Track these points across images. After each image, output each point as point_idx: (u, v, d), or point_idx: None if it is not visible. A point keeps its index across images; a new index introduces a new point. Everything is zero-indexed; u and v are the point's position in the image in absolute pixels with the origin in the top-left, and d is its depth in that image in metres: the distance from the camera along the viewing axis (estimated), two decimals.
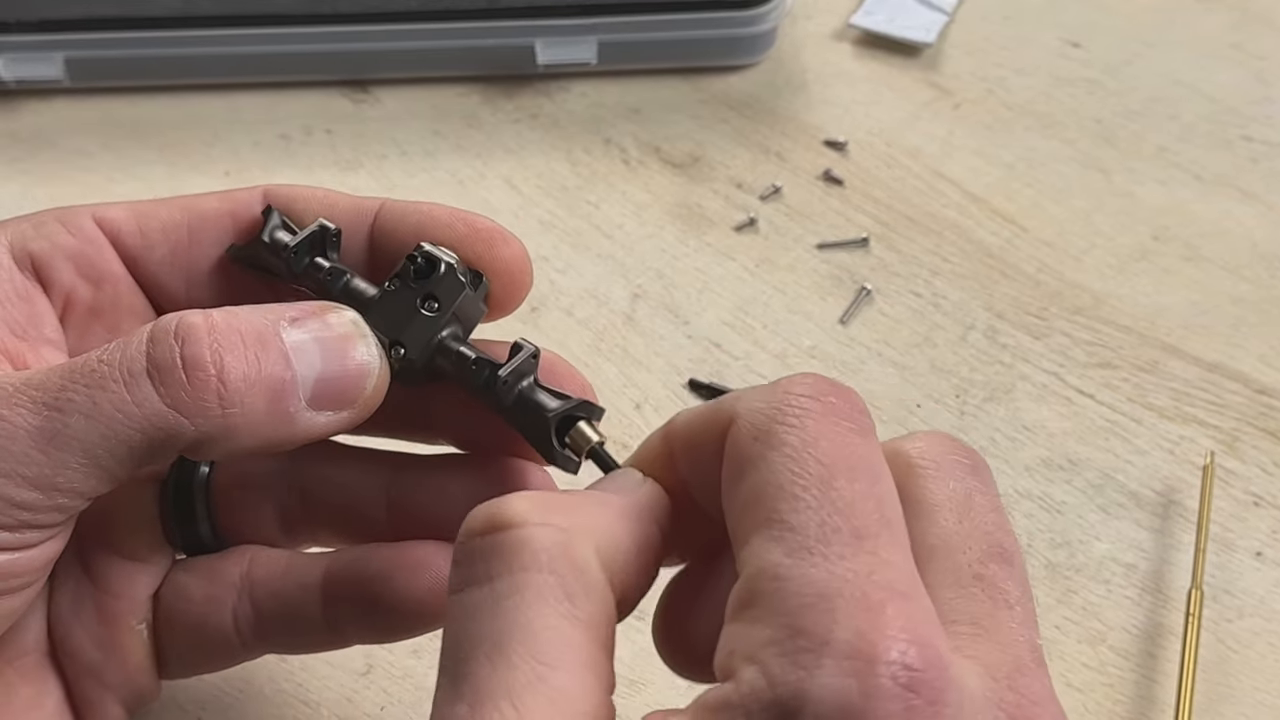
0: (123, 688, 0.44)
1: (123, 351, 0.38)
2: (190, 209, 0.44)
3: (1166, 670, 0.48)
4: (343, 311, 0.41)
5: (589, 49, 0.65)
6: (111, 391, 0.38)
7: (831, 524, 0.33)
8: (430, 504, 0.43)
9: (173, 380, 0.38)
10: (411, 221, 0.43)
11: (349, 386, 0.40)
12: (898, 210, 0.62)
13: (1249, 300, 0.59)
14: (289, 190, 0.44)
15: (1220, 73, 0.68)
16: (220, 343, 0.38)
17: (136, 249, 0.44)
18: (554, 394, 0.42)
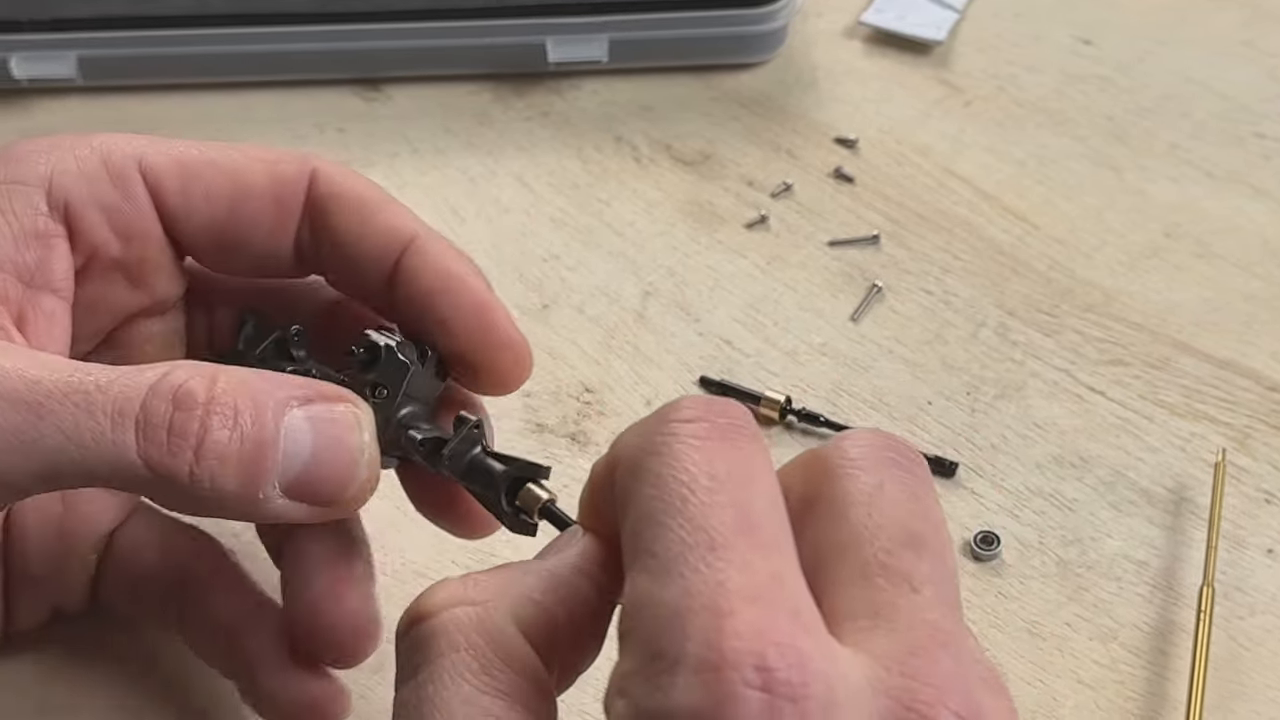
0: (54, 597, 0.47)
1: (122, 387, 0.38)
2: (237, 180, 0.44)
3: (1178, 667, 0.48)
4: (355, 409, 0.41)
5: (600, 47, 0.66)
6: (97, 422, 0.37)
7: (689, 541, 0.32)
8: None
9: (153, 438, 0.38)
10: (435, 274, 0.44)
11: (330, 488, 0.40)
12: (909, 208, 0.62)
13: (1261, 297, 0.59)
14: (331, 184, 0.44)
15: (1232, 70, 0.67)
16: (211, 415, 0.38)
17: (176, 209, 0.44)
18: (502, 459, 0.42)
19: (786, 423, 0.55)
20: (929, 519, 0.34)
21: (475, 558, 0.50)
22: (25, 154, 0.43)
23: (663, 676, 0.30)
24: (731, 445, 0.34)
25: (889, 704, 0.31)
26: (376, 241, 0.44)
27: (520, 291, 0.59)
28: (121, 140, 0.44)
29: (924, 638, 0.32)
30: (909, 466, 0.35)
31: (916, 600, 0.33)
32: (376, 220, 0.44)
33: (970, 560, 0.51)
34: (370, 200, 0.45)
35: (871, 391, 0.56)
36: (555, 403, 0.55)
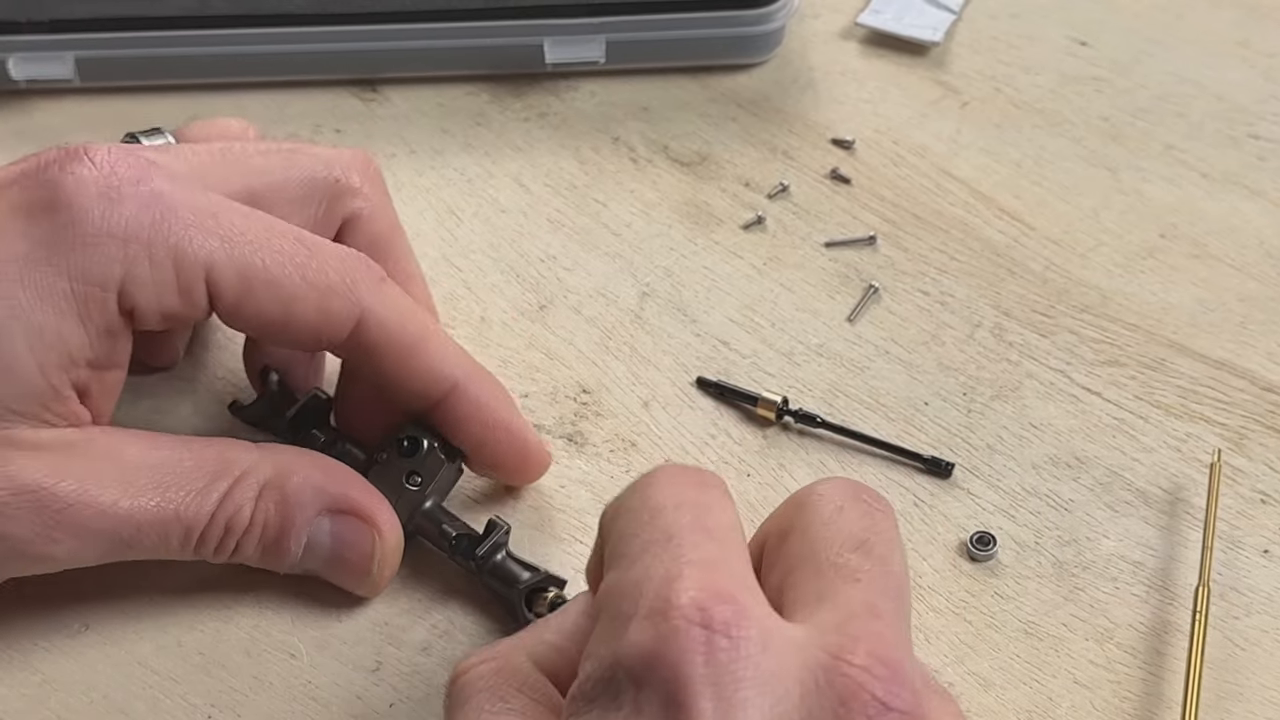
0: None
1: (193, 515, 0.47)
2: (289, 310, 0.47)
3: (1174, 667, 0.48)
4: (374, 524, 0.49)
5: (597, 48, 0.66)
6: (169, 546, 0.47)
7: (651, 538, 0.38)
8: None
9: (204, 552, 0.48)
10: (477, 427, 0.50)
11: (342, 585, 0.50)
12: (905, 208, 0.62)
13: (1256, 298, 0.59)
14: (377, 331, 0.48)
15: (1228, 71, 0.68)
16: (248, 535, 0.47)
17: (226, 315, 0.47)
18: (524, 565, 0.49)
19: (783, 423, 0.55)
20: (880, 534, 0.39)
21: None
22: (102, 245, 0.45)
23: (619, 629, 0.36)
24: (698, 487, 0.40)
25: (819, 654, 0.35)
26: (416, 387, 0.49)
27: (517, 292, 0.59)
28: (196, 239, 0.46)
29: (860, 610, 0.37)
30: (872, 502, 0.40)
31: (857, 586, 0.38)
32: (417, 367, 0.48)
33: (966, 560, 0.51)
34: (414, 346, 0.48)
35: (868, 392, 0.56)
36: (552, 403, 0.56)
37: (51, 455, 0.45)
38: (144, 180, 0.45)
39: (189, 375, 0.56)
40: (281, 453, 0.49)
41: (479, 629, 0.50)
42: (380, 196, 0.52)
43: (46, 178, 0.45)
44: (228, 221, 0.46)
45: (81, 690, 0.48)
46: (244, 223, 0.46)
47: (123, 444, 0.46)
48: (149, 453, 0.46)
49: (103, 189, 0.45)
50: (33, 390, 0.45)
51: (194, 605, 0.50)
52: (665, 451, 0.54)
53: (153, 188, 0.45)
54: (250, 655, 0.49)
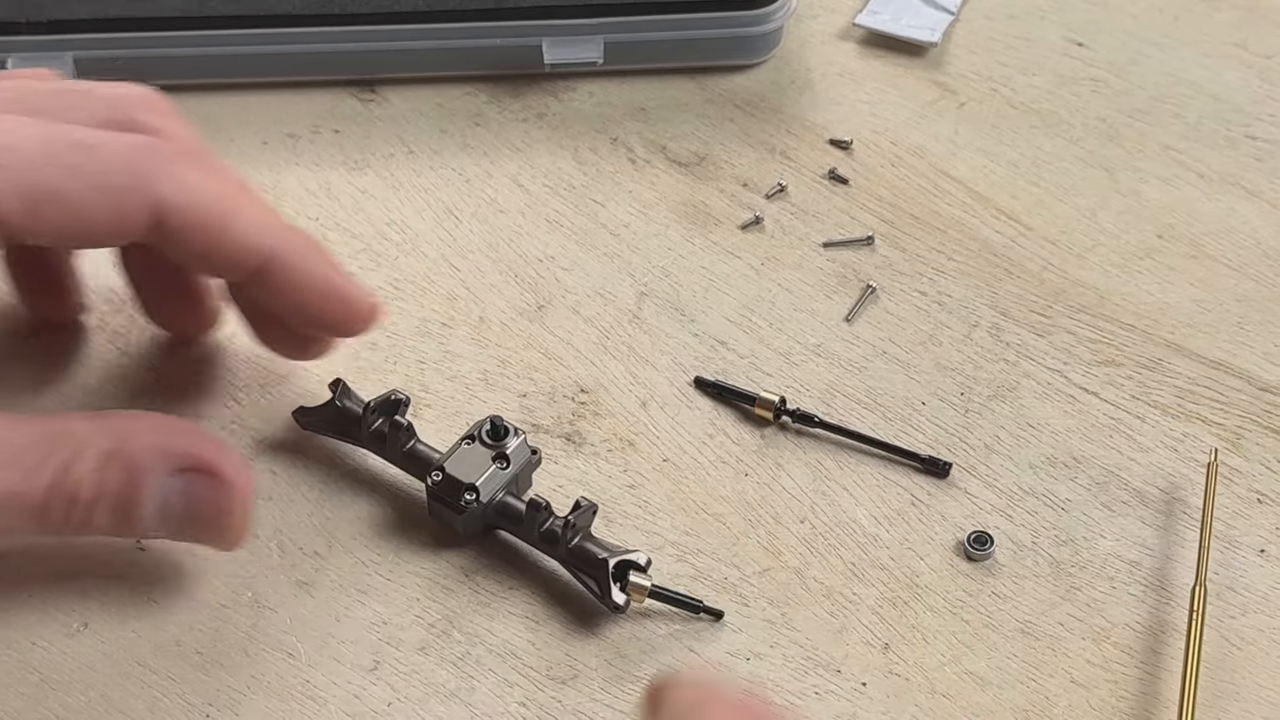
0: None
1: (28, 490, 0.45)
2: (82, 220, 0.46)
3: (1170, 667, 0.49)
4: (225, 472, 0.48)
5: (595, 49, 0.66)
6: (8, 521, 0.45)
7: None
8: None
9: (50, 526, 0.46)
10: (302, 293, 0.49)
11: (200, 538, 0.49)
12: (903, 209, 0.62)
13: (1253, 298, 0.59)
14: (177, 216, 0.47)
15: (1225, 72, 0.68)
16: (94, 508, 0.46)
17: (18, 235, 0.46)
18: (605, 546, 0.50)
19: (781, 423, 0.55)
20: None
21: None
22: None
23: None
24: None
25: None
26: (228, 264, 0.48)
27: (516, 292, 0.59)
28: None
29: None
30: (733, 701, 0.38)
31: None
32: (227, 244, 0.48)
33: (964, 560, 0.51)
34: (218, 225, 0.47)
35: (865, 392, 0.56)
36: (550, 403, 0.56)
37: None
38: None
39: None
40: (119, 419, 0.48)
41: (477, 629, 0.50)
42: (179, 129, 0.50)
43: None
44: (2, 143, 0.45)
45: (80, 689, 0.48)
46: (17, 139, 0.45)
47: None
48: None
49: None
50: None
51: (193, 605, 0.50)
52: (663, 451, 0.54)
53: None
54: (248, 654, 0.49)
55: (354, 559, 0.51)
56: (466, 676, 0.49)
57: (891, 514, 0.53)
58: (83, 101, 0.48)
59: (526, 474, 0.52)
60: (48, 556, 0.50)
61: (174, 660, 0.49)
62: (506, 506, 0.51)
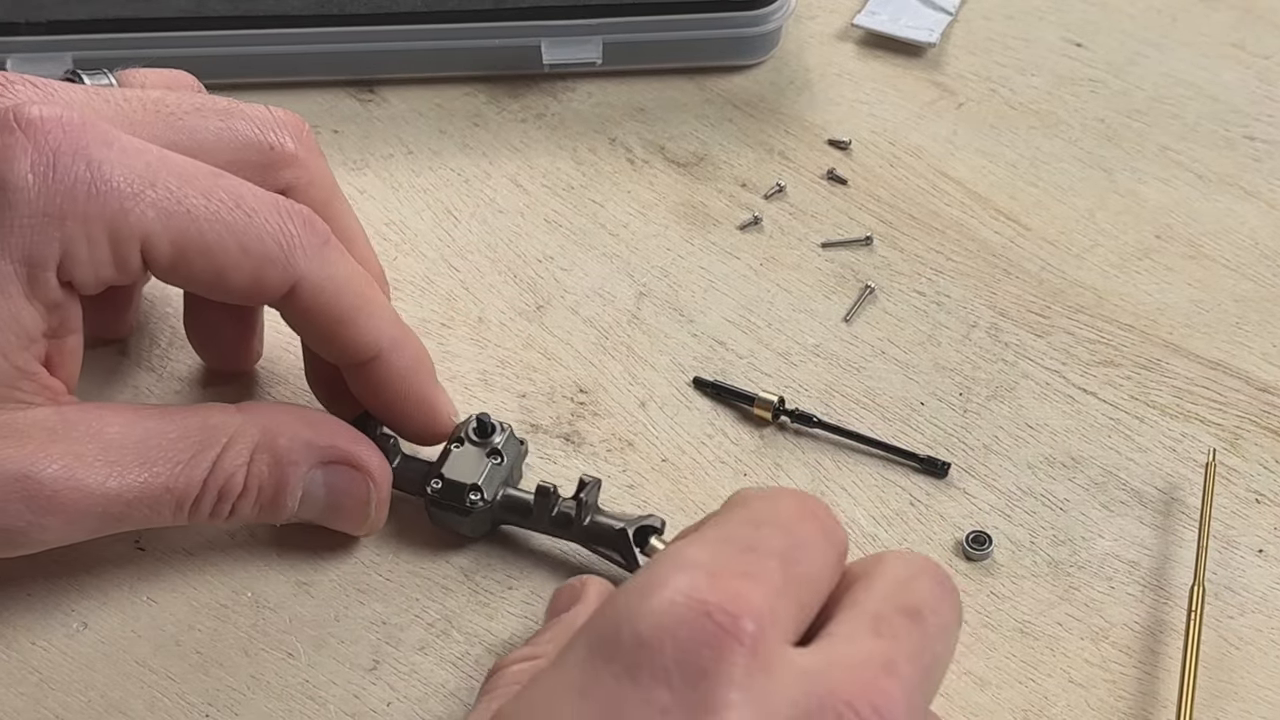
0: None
1: (184, 486, 0.47)
2: (221, 278, 0.47)
3: (1168, 666, 0.49)
4: (368, 471, 0.49)
5: (594, 49, 0.66)
6: (161, 516, 0.47)
7: (731, 535, 0.38)
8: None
9: (199, 517, 0.48)
10: (393, 396, 0.51)
11: (336, 527, 0.51)
12: (901, 209, 0.62)
13: (1251, 299, 0.59)
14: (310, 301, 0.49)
15: (1223, 72, 0.68)
16: (243, 498, 0.48)
17: (159, 275, 0.47)
18: (617, 517, 0.50)
19: (779, 423, 0.55)
20: (938, 614, 0.38)
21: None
22: (40, 224, 0.44)
23: (649, 589, 0.35)
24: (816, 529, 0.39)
25: (819, 687, 0.35)
26: (340, 352, 0.50)
27: (514, 292, 0.59)
28: (132, 212, 0.45)
29: (878, 662, 0.36)
30: (946, 587, 0.39)
31: (878, 642, 0.37)
32: (346, 336, 0.49)
33: (962, 560, 0.51)
34: (345, 316, 0.49)
35: (864, 392, 0.56)
36: (549, 403, 0.56)
37: (33, 441, 0.45)
38: (79, 150, 0.44)
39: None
40: (266, 411, 0.49)
41: (476, 629, 0.50)
42: (316, 160, 0.51)
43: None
44: (164, 189, 0.45)
45: (79, 689, 0.48)
46: (181, 188, 0.46)
47: (104, 421, 0.46)
48: (131, 427, 0.46)
49: (36, 162, 0.44)
50: (1, 377, 0.45)
51: (192, 605, 0.50)
52: (662, 451, 0.54)
53: (89, 157, 0.44)
54: (248, 654, 0.49)
55: (353, 559, 0.51)
56: (466, 676, 0.49)
57: (890, 514, 0.53)
58: (228, 119, 0.49)
59: (519, 465, 0.52)
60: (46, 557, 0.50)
61: (173, 660, 0.49)
62: (510, 499, 0.51)
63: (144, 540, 0.51)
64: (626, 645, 0.35)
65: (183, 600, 0.50)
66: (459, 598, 0.50)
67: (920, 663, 0.37)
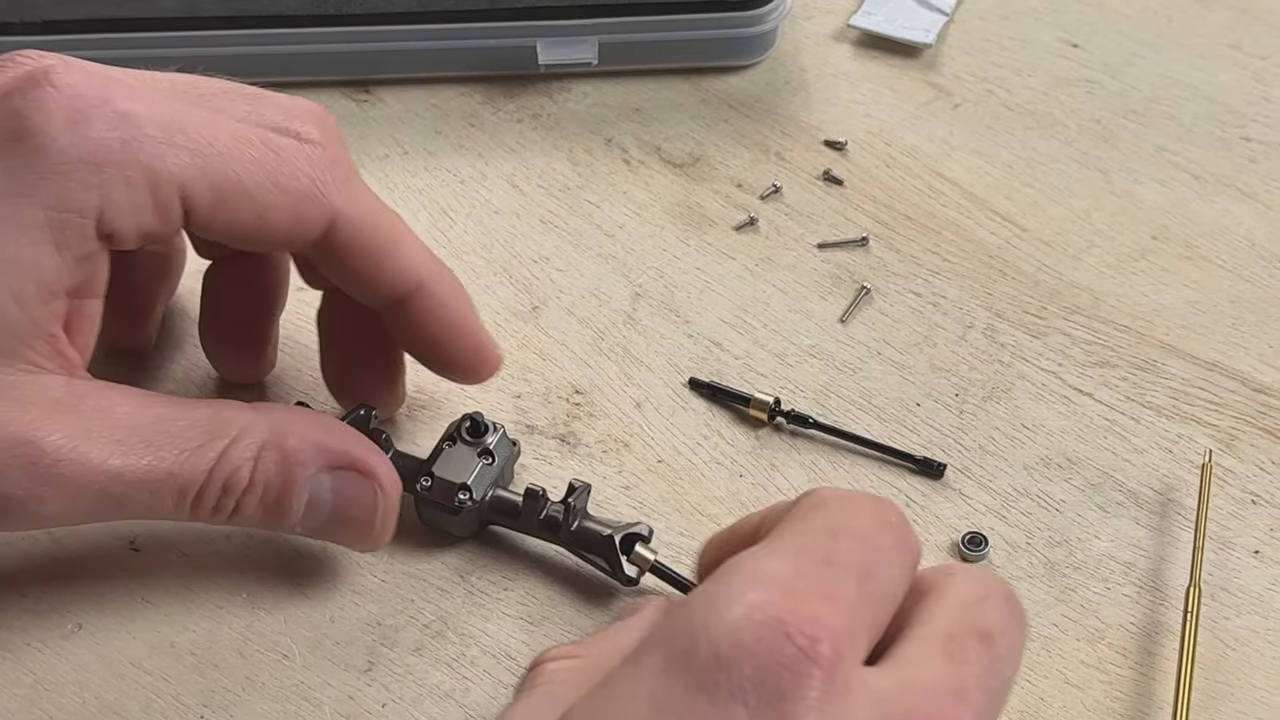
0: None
1: (188, 474, 0.46)
2: (262, 218, 0.47)
3: (1164, 667, 0.49)
4: (374, 476, 0.48)
5: (590, 49, 0.66)
6: (163, 502, 0.46)
7: (808, 546, 0.38)
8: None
9: (202, 511, 0.47)
10: (437, 328, 0.50)
11: (345, 542, 0.50)
12: (897, 210, 0.62)
13: (1247, 300, 0.59)
14: (349, 232, 0.48)
15: (1220, 73, 0.68)
16: (247, 494, 0.47)
17: (200, 226, 0.47)
18: (605, 523, 0.50)
19: (775, 424, 0.55)
20: (1007, 637, 0.39)
21: None
22: (75, 171, 0.44)
23: (726, 600, 0.36)
24: (893, 540, 0.39)
25: (893, 712, 0.36)
26: (383, 287, 0.49)
27: (510, 293, 0.59)
28: (169, 157, 0.45)
29: (950, 688, 0.37)
30: (1015, 610, 0.40)
31: (959, 668, 0.37)
32: (387, 267, 0.49)
33: (958, 561, 0.51)
34: (384, 247, 0.48)
35: (860, 393, 0.56)
36: (545, 404, 0.56)
37: (39, 408, 0.44)
38: (108, 100, 0.44)
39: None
40: (278, 411, 0.48)
41: (472, 630, 0.50)
42: (339, 150, 0.51)
43: (10, 107, 0.44)
44: (195, 133, 0.45)
45: (74, 691, 0.48)
46: (211, 132, 0.46)
47: (113, 400, 0.45)
48: (141, 410, 0.46)
49: (69, 113, 0.44)
50: (14, 328, 0.44)
51: (187, 605, 0.50)
52: (658, 452, 0.54)
53: (118, 107, 0.44)
54: (243, 655, 0.49)
55: (348, 560, 0.51)
56: (461, 678, 0.49)
57: None
58: (255, 104, 0.49)
59: (510, 467, 0.52)
60: (41, 558, 0.50)
61: (168, 661, 0.49)
62: (499, 500, 0.51)
63: (139, 541, 0.51)
64: (703, 660, 0.35)
65: (178, 601, 0.50)
66: (454, 599, 0.50)
67: (989, 686, 0.37)
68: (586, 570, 0.51)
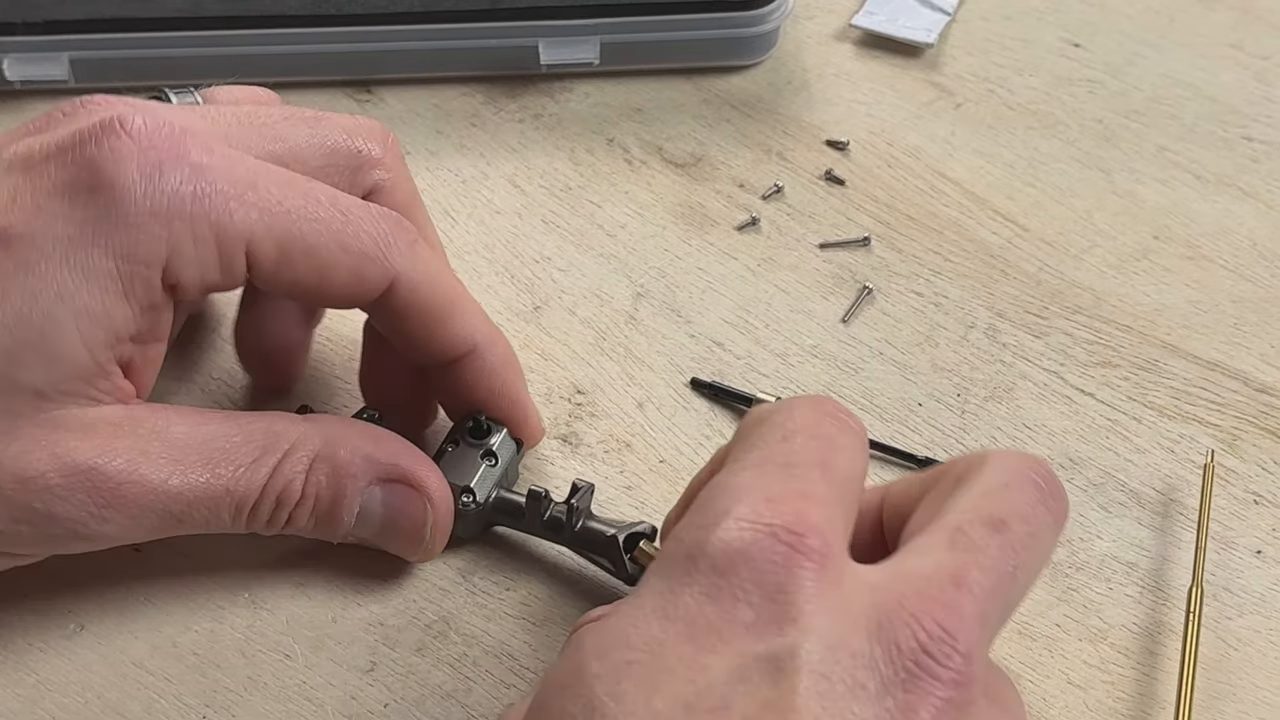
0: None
1: (244, 490, 0.47)
2: (323, 277, 0.47)
3: (1167, 668, 0.49)
4: (425, 491, 0.49)
5: (592, 49, 0.66)
6: (220, 519, 0.47)
7: (771, 455, 0.40)
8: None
9: (257, 524, 0.48)
10: (485, 392, 0.51)
11: (392, 548, 0.50)
12: (899, 210, 0.62)
13: (1249, 299, 0.59)
14: (408, 295, 0.49)
15: (1221, 73, 0.68)
16: (300, 506, 0.48)
17: (263, 283, 0.48)
18: (608, 523, 0.50)
19: None
20: (1028, 523, 0.39)
21: None
22: (146, 224, 0.45)
23: (711, 520, 0.38)
24: (838, 427, 0.42)
25: (888, 599, 0.37)
26: (436, 350, 0.50)
27: (512, 293, 0.59)
28: (237, 213, 0.46)
29: (948, 576, 0.37)
30: (1044, 491, 0.40)
31: (960, 556, 0.38)
32: (442, 332, 0.49)
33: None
34: (442, 311, 0.49)
35: (862, 393, 0.56)
36: (546, 404, 0.56)
37: (100, 436, 0.45)
38: (182, 154, 0.45)
39: (183, 362, 0.57)
40: (329, 424, 0.49)
41: (474, 630, 0.50)
42: (399, 166, 0.52)
43: (85, 156, 0.45)
44: (265, 191, 0.46)
45: (76, 691, 0.48)
46: (280, 191, 0.46)
47: (169, 421, 0.46)
48: (196, 429, 0.47)
49: (142, 165, 0.45)
50: (81, 371, 0.45)
51: (189, 606, 0.50)
52: (659, 452, 0.54)
53: (192, 161, 0.45)
54: (245, 656, 0.49)
55: (350, 560, 0.51)
56: (464, 678, 0.49)
57: None
58: (317, 126, 0.50)
59: (514, 467, 0.52)
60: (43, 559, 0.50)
61: (170, 661, 0.49)
62: (503, 502, 0.51)
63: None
64: (702, 571, 0.37)
65: (180, 601, 0.50)
66: (456, 599, 0.50)
67: (998, 572, 0.38)
68: (589, 570, 0.51)
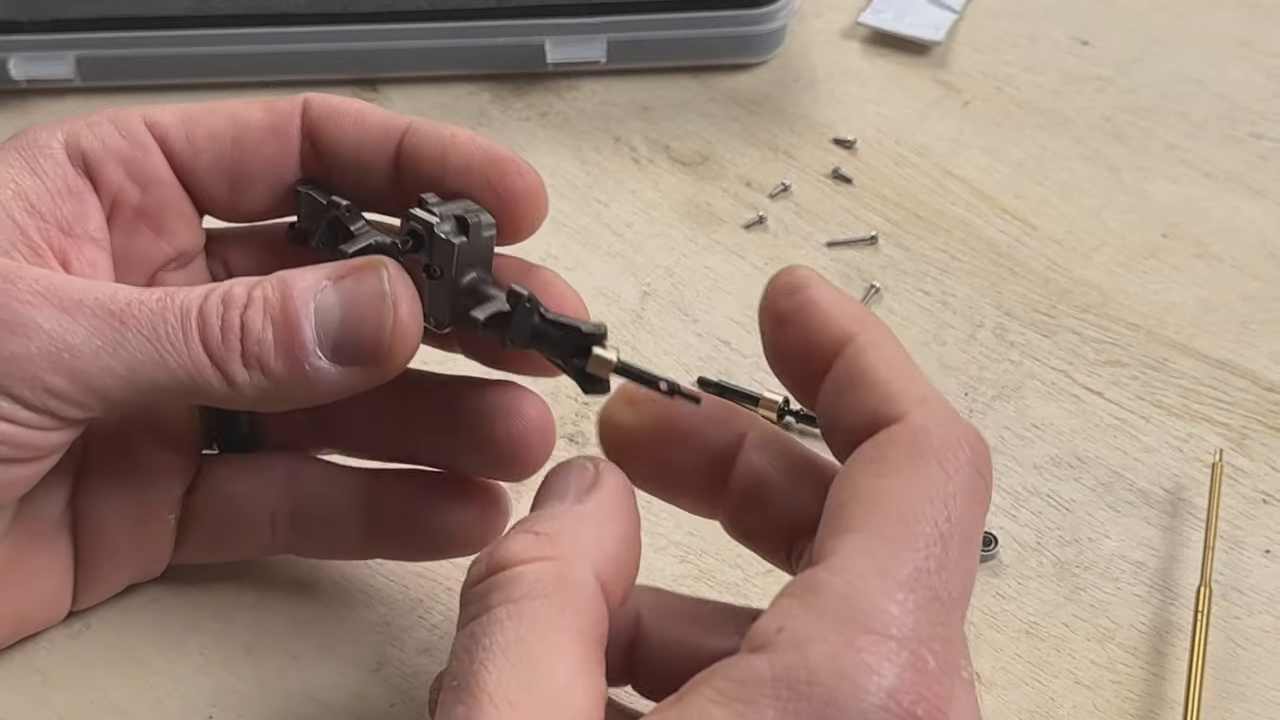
0: (134, 567, 0.49)
1: (185, 296, 0.42)
2: (236, 119, 0.47)
3: (1175, 668, 0.48)
4: (379, 270, 0.43)
5: (598, 48, 0.66)
6: (168, 323, 0.42)
7: (922, 574, 0.35)
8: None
9: (210, 335, 0.42)
10: (434, 143, 0.46)
11: (367, 339, 0.43)
12: (907, 208, 0.62)
13: (1258, 298, 0.59)
14: (326, 104, 0.47)
15: (1230, 70, 0.68)
16: (249, 308, 0.43)
17: (184, 154, 0.47)
18: (561, 325, 0.44)
19: (785, 424, 0.55)
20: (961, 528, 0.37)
21: None
22: (38, 128, 0.46)
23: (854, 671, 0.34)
24: (982, 511, 0.38)
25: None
26: (374, 139, 0.47)
27: None
28: (126, 108, 0.47)
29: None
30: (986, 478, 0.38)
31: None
32: (371, 122, 0.47)
33: None
34: (364, 109, 0.48)
35: None
36: (553, 403, 0.55)
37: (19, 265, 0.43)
38: None
39: None
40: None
41: None
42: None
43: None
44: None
45: (83, 690, 0.48)
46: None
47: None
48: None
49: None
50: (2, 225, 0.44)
51: (195, 606, 0.50)
52: None
53: None
54: (251, 656, 0.49)
55: (357, 560, 0.51)
56: None
57: None
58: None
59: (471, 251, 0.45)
60: None
61: (177, 661, 0.49)
62: (463, 316, 0.44)
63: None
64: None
65: (186, 601, 0.50)
66: None
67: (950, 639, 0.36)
68: None
